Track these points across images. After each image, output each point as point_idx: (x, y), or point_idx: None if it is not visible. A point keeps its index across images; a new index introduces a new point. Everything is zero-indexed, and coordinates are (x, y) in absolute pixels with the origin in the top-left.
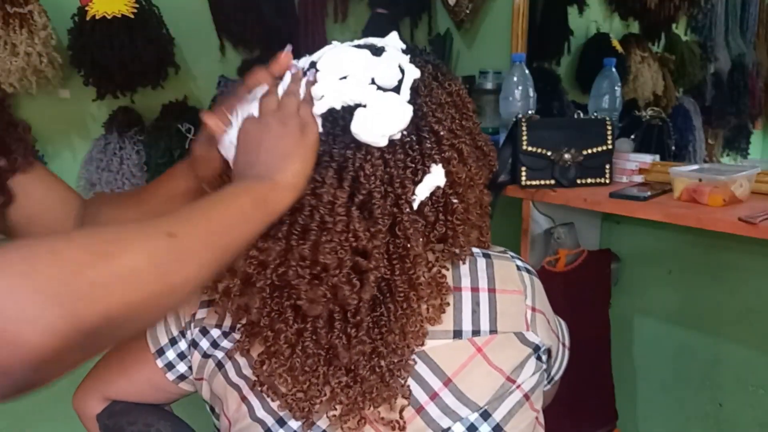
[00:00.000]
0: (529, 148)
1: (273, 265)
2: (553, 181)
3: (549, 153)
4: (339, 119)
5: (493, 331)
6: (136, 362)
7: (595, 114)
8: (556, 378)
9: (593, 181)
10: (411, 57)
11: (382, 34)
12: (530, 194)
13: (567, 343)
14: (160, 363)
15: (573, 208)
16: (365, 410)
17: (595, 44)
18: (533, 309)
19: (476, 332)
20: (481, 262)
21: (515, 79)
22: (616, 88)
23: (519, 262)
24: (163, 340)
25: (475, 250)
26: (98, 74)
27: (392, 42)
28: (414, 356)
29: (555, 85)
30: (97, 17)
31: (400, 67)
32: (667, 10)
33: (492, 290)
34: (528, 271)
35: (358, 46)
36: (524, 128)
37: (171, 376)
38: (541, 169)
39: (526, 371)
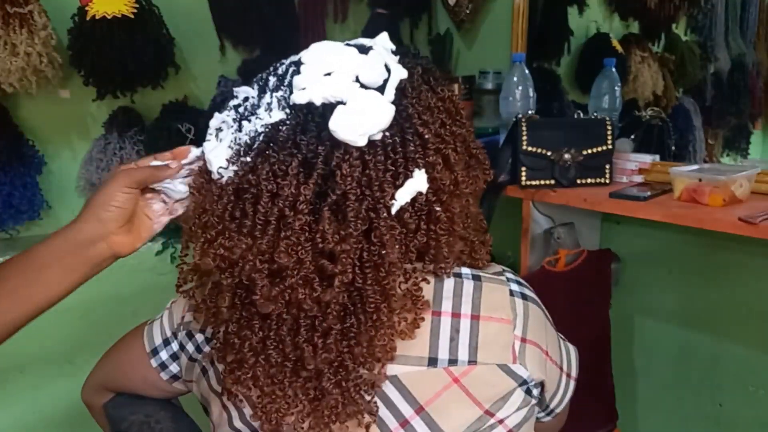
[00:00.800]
0: (529, 148)
1: (240, 264)
2: (553, 181)
3: (549, 153)
4: (316, 115)
5: (472, 361)
6: (133, 361)
7: (595, 114)
8: (557, 410)
9: (593, 181)
10: (400, 58)
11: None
12: (530, 194)
13: (574, 373)
14: (154, 363)
15: (573, 208)
16: (332, 425)
17: (595, 44)
18: (523, 340)
19: (453, 361)
20: (468, 285)
21: (515, 79)
22: (616, 88)
23: (514, 287)
24: (158, 340)
25: (465, 270)
26: (98, 74)
27: (381, 42)
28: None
29: (555, 85)
30: (97, 17)
31: (386, 66)
32: (667, 10)
33: (475, 317)
34: (524, 296)
35: (347, 45)
36: (524, 128)
37: (165, 375)
38: (541, 169)
39: (510, 405)
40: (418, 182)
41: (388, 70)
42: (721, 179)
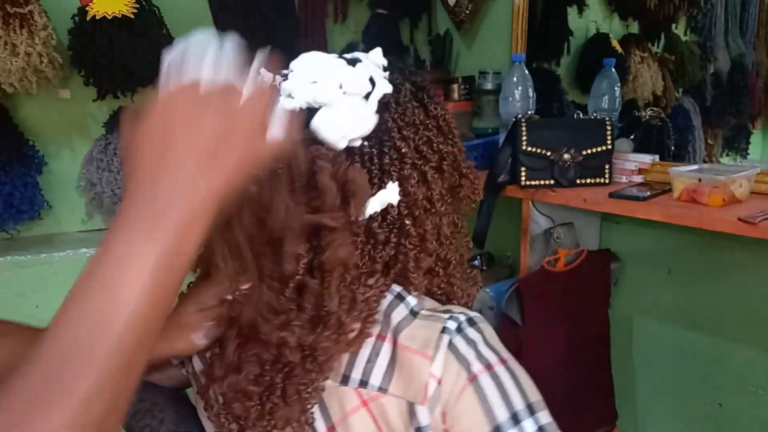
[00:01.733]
0: (529, 149)
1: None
2: (552, 181)
3: (548, 153)
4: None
5: (382, 389)
6: None
7: (595, 114)
8: None
9: (593, 181)
10: (391, 74)
11: (382, 34)
12: (530, 194)
13: None
14: None
15: (572, 208)
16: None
17: (595, 44)
18: (439, 381)
19: (364, 383)
20: (402, 311)
21: (515, 79)
22: (615, 88)
23: (451, 325)
24: None
25: (411, 300)
26: (99, 74)
27: (374, 57)
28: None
29: (555, 85)
30: (97, 17)
31: (371, 79)
32: (666, 10)
33: (395, 343)
34: (466, 340)
35: (339, 57)
36: (524, 128)
37: (174, 360)
38: (541, 169)
39: None
40: (390, 194)
41: (373, 84)
42: (720, 179)
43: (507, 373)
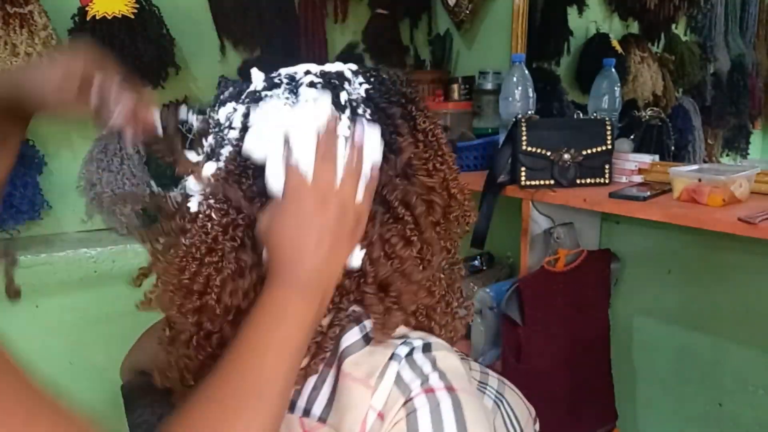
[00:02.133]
0: (529, 149)
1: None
2: (552, 182)
3: (548, 153)
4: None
5: (322, 419)
6: (152, 337)
7: (595, 114)
8: None
9: (593, 181)
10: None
11: (382, 34)
12: (530, 194)
13: None
14: None
15: (572, 208)
16: None
17: (595, 44)
18: (381, 416)
19: (307, 412)
20: (352, 336)
21: (515, 79)
22: (615, 88)
23: (401, 350)
24: None
25: (365, 324)
26: None
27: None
28: None
29: (555, 85)
30: (97, 17)
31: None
32: (666, 10)
33: (338, 371)
34: (412, 365)
35: (307, 73)
36: (524, 128)
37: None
38: (541, 170)
39: None
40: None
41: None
42: (720, 179)
43: (449, 400)
